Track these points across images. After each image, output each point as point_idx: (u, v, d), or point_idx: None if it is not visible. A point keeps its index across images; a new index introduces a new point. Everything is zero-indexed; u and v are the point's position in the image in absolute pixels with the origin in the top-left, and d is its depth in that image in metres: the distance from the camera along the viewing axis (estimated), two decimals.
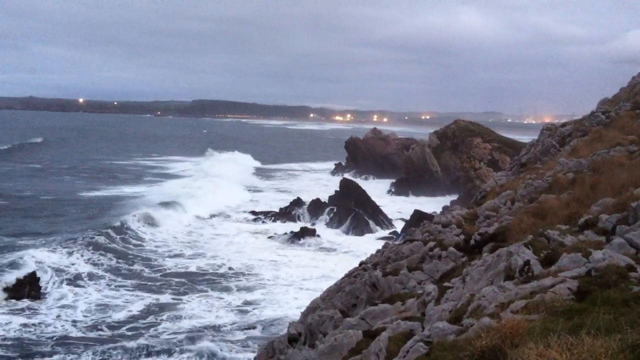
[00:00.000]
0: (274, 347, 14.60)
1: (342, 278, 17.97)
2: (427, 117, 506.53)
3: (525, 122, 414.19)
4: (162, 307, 29.79)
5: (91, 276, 34.18)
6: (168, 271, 36.39)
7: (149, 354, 23.80)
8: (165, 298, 31.33)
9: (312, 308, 16.69)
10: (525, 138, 68.99)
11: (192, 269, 37.05)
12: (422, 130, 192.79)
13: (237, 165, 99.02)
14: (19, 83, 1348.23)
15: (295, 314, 28.12)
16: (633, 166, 12.81)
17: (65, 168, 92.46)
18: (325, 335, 12.64)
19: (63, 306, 29.38)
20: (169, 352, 24.07)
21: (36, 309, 28.29)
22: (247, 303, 30.88)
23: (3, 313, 27.71)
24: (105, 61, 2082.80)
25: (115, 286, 32.90)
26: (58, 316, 27.96)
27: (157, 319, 28.15)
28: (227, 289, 33.18)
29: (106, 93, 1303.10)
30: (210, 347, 24.46)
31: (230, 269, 37.26)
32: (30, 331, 25.94)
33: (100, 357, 23.52)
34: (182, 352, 24.15)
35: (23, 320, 26.95)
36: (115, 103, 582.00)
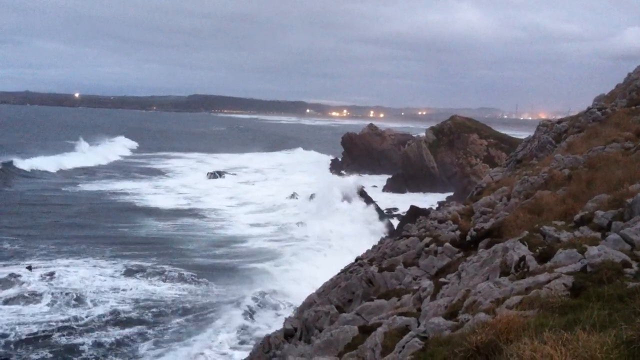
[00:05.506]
0: (270, 342, 14.61)
1: (338, 273, 17.98)
2: (424, 113, 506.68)
3: (522, 119, 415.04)
4: None
5: None
6: None
7: None
8: None
9: (308, 304, 16.70)
10: (521, 134, 68.97)
11: None
12: (418, 126, 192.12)
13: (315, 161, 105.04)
14: (15, 78, 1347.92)
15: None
16: (629, 162, 12.82)
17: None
18: (321, 330, 12.66)
19: None
20: None
21: None
22: None
23: None
24: (101, 56, 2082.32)
25: None
26: None
27: None
28: None
29: (102, 88, 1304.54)
30: None
31: None
32: None
33: None
34: None
35: None
36: (112, 98, 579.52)
